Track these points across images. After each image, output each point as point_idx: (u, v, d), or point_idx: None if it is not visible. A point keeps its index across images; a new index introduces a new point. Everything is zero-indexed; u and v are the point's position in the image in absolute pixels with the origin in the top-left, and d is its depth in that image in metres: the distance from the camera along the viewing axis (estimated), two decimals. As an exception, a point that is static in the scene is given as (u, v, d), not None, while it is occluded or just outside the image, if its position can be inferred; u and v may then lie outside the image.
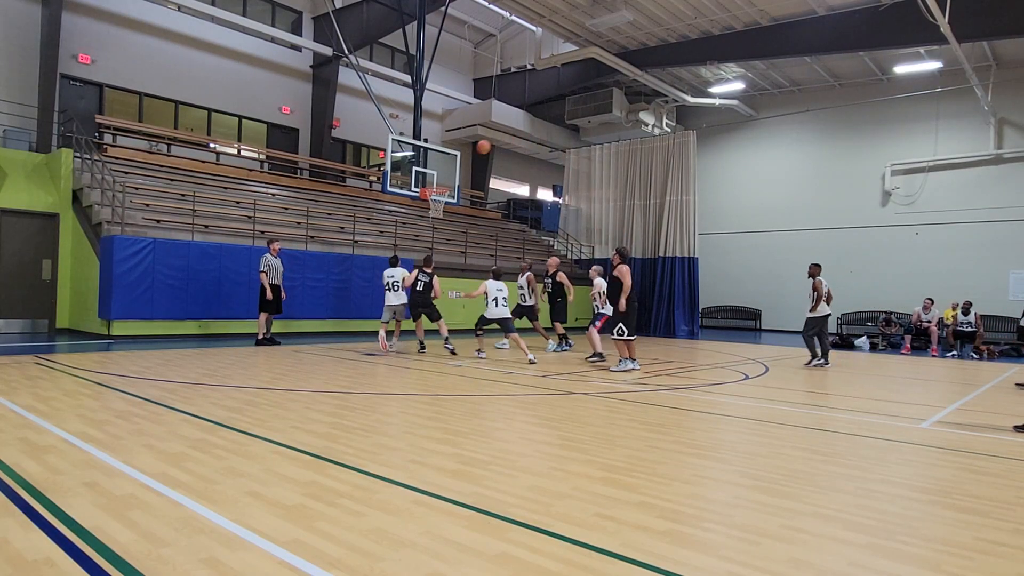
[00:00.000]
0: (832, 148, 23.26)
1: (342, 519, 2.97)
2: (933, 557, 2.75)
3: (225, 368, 8.30)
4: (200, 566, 2.42)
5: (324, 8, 19.42)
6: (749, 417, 6.15)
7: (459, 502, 3.27)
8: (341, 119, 21.13)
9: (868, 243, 22.17)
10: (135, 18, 16.69)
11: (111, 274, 11.52)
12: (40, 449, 4.02)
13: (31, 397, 5.75)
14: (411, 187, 15.93)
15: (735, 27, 18.62)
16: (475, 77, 25.77)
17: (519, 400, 6.67)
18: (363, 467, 3.87)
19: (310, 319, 14.34)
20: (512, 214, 25.71)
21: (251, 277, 13.19)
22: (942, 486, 3.91)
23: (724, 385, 8.41)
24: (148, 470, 3.65)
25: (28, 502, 3.06)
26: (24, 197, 13.05)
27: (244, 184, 17.02)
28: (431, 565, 2.50)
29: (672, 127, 25.44)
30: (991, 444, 5.22)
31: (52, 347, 10.35)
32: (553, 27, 19.07)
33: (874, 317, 20.45)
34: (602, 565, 2.55)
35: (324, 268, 14.49)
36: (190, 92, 17.84)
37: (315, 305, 14.36)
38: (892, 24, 16.32)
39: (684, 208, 21.04)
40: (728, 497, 3.57)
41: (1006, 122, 20.05)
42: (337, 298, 14.69)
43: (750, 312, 24.54)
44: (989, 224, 19.99)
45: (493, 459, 4.16)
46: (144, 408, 5.48)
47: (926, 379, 10.01)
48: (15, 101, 14.38)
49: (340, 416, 5.43)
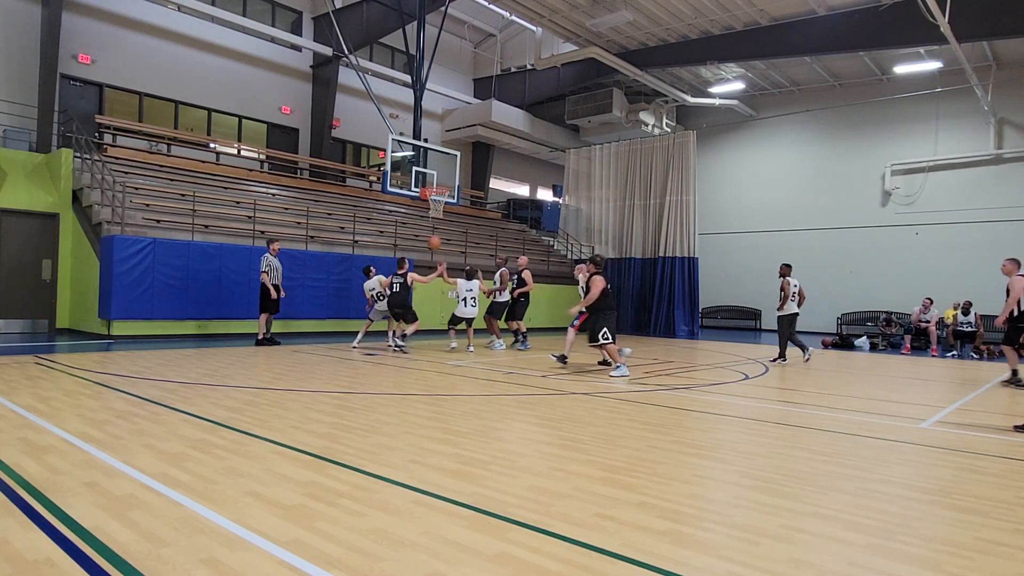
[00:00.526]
0: (832, 148, 23.27)
1: (342, 519, 2.97)
2: (933, 557, 2.75)
3: (225, 368, 8.30)
4: (200, 566, 2.42)
5: (324, 8, 19.42)
6: (749, 417, 6.15)
7: (459, 502, 3.27)
8: (341, 119, 21.13)
9: (868, 243, 22.17)
10: (135, 18, 16.69)
11: (111, 274, 11.52)
12: (40, 449, 4.02)
13: (31, 397, 5.75)
14: (411, 187, 15.93)
15: (735, 27, 18.62)
16: (475, 77, 25.78)
17: (519, 400, 6.67)
18: (363, 467, 3.86)
19: (310, 319, 14.34)
20: (512, 214, 25.71)
21: (251, 277, 13.18)
22: (942, 486, 3.91)
23: (724, 385, 8.41)
24: (148, 470, 3.65)
25: (28, 502, 3.06)
26: (24, 197, 13.05)
27: (244, 184, 17.02)
28: (431, 565, 2.50)
29: (672, 127, 25.44)
30: (991, 444, 5.22)
31: (52, 347, 10.35)
32: (553, 27, 19.07)
33: (874, 317, 20.46)
34: (602, 565, 2.55)
35: (324, 268, 14.49)
36: (190, 92, 17.84)
37: (315, 305, 14.36)
38: (892, 24, 16.32)
39: (684, 208, 21.04)
40: (728, 497, 3.57)
41: (1006, 122, 20.05)
42: (337, 298, 14.69)
43: (750, 312, 24.54)
44: (989, 224, 19.99)
45: (493, 459, 4.16)
46: (144, 408, 5.48)
47: (926, 379, 10.01)
48: (15, 101, 14.38)
49: (340, 416, 5.43)
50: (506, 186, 27.81)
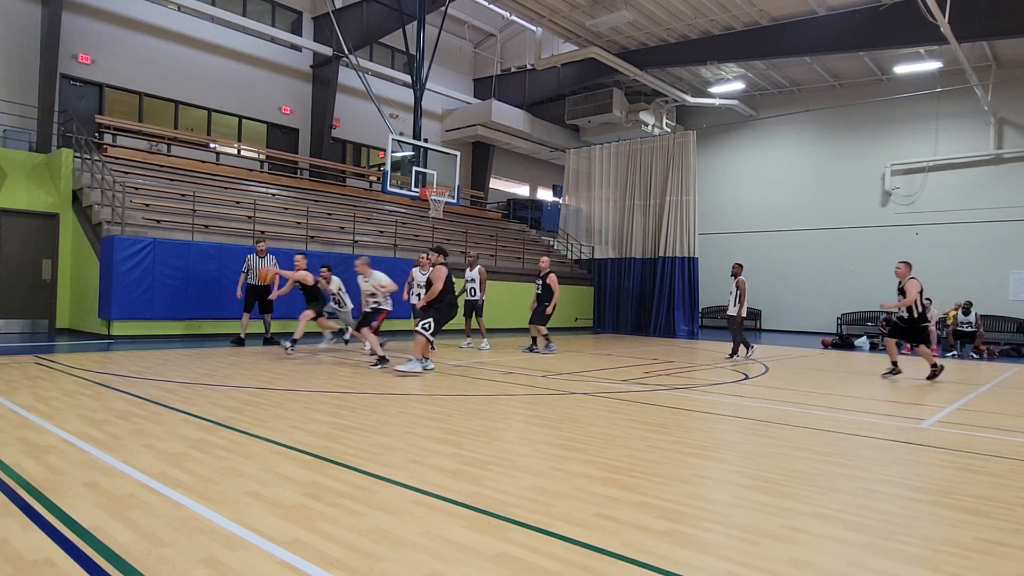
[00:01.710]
0: (832, 148, 23.27)
1: (342, 519, 2.97)
2: (933, 557, 2.75)
3: (225, 368, 8.30)
4: (200, 566, 2.42)
5: (324, 8, 19.42)
6: (749, 417, 6.15)
7: (459, 502, 3.27)
8: (341, 119, 21.13)
9: (868, 243, 22.17)
10: (135, 18, 16.69)
11: (111, 274, 11.52)
12: (40, 449, 4.02)
13: (31, 397, 5.75)
14: (411, 187, 15.93)
15: (735, 27, 18.62)
16: (475, 77, 25.77)
17: (519, 400, 6.67)
18: (363, 467, 3.86)
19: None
20: (512, 214, 25.71)
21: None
22: (942, 486, 3.91)
23: (724, 385, 8.41)
24: (148, 470, 3.65)
25: (28, 502, 3.06)
26: (24, 197, 13.05)
27: (244, 184, 17.02)
28: (431, 565, 2.50)
29: (672, 127, 25.44)
30: (991, 444, 5.22)
31: (52, 347, 10.35)
32: (553, 27, 19.07)
33: (874, 317, 20.45)
34: (602, 565, 2.55)
35: (324, 268, 14.47)
36: (190, 92, 17.84)
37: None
38: (892, 24, 16.32)
39: (684, 208, 21.04)
40: (728, 497, 3.57)
41: (1006, 122, 20.05)
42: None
43: (750, 312, 24.47)
44: (989, 224, 20.00)
45: (493, 459, 4.16)
46: (144, 408, 5.48)
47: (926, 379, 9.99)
48: (15, 101, 14.38)
49: (340, 416, 5.43)
50: (506, 186, 27.81)
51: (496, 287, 18.63)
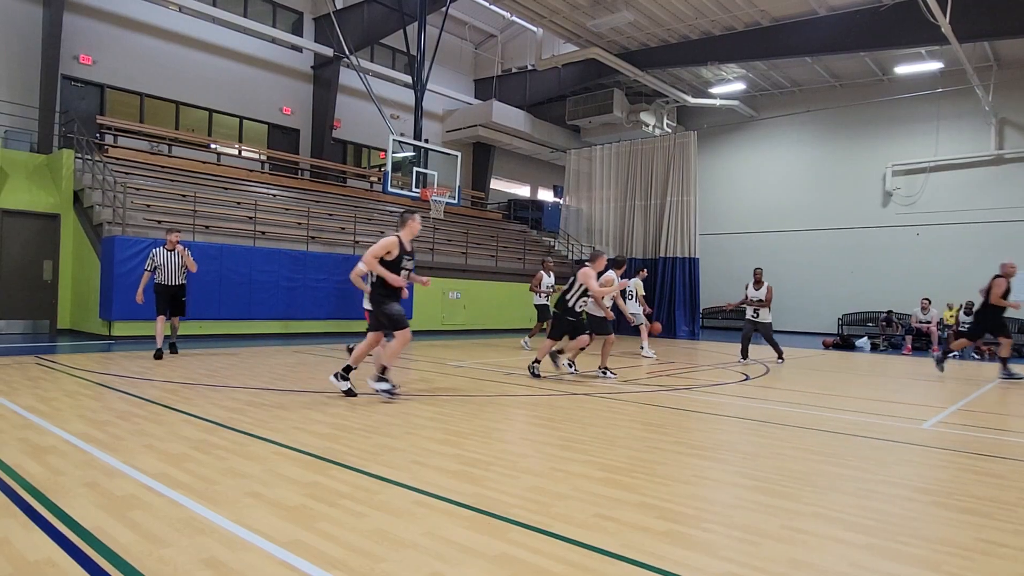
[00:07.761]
0: (833, 148, 23.26)
1: (343, 520, 2.97)
2: (933, 558, 2.75)
3: (226, 369, 8.30)
4: (201, 567, 2.42)
5: (325, 9, 19.44)
6: (749, 418, 6.15)
7: (460, 503, 3.27)
8: (342, 120, 21.14)
9: (869, 243, 22.16)
10: (136, 19, 16.71)
11: (112, 275, 11.52)
12: (41, 450, 4.02)
13: (32, 398, 5.76)
14: (412, 188, 15.94)
15: (736, 28, 18.61)
16: (476, 78, 25.78)
17: (520, 401, 6.67)
18: (364, 468, 3.87)
19: (311, 320, 14.34)
20: (513, 215, 25.71)
21: (252, 278, 13.22)
22: (943, 487, 3.91)
23: (725, 386, 8.41)
24: (149, 470, 3.65)
25: (29, 503, 3.07)
26: (25, 198, 13.06)
27: (245, 185, 17.03)
28: (432, 566, 2.50)
29: (673, 127, 25.42)
30: (992, 445, 5.22)
31: (53, 348, 10.36)
32: (554, 28, 19.07)
33: (875, 317, 20.44)
34: (602, 565, 2.55)
35: (325, 269, 14.50)
36: (191, 93, 17.85)
37: (316, 306, 14.37)
38: (893, 24, 16.31)
39: (685, 209, 21.03)
40: (728, 497, 3.57)
41: (1007, 122, 20.04)
42: (338, 299, 14.70)
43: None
44: (990, 224, 19.98)
45: (494, 460, 4.17)
46: (145, 408, 5.48)
47: (927, 379, 10.00)
48: (16, 102, 14.40)
49: (341, 417, 5.43)
50: (507, 187, 27.81)
51: (496, 287, 18.66)
